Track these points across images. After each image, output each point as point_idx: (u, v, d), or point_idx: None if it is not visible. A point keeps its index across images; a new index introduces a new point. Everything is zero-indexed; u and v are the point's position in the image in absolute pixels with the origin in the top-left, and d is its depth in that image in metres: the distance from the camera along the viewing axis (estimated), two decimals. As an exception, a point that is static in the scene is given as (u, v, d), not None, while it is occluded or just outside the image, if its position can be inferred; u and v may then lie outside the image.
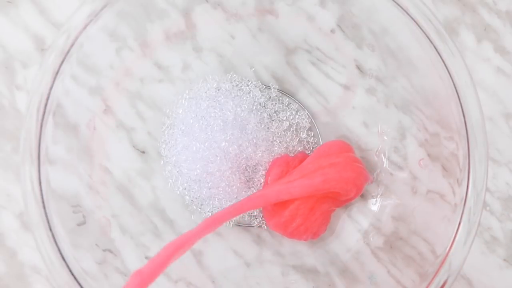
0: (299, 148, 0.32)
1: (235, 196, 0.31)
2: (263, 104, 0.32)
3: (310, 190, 0.29)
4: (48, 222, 0.26)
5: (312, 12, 0.31)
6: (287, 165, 0.31)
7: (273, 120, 0.32)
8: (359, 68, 0.32)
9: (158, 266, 0.25)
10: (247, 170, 0.31)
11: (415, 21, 0.27)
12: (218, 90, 0.31)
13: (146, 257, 0.30)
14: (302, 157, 0.31)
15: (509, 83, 0.33)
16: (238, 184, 0.31)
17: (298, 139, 0.32)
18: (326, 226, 0.31)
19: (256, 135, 0.31)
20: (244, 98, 0.31)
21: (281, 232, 0.30)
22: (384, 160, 0.32)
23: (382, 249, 0.31)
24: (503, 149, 0.33)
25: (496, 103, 0.33)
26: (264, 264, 0.31)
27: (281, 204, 0.30)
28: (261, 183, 0.31)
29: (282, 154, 0.31)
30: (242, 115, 0.31)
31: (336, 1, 0.30)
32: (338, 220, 0.32)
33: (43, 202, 0.26)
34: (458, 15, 0.34)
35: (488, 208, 0.33)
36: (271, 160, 0.31)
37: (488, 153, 0.26)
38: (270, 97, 0.32)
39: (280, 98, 0.33)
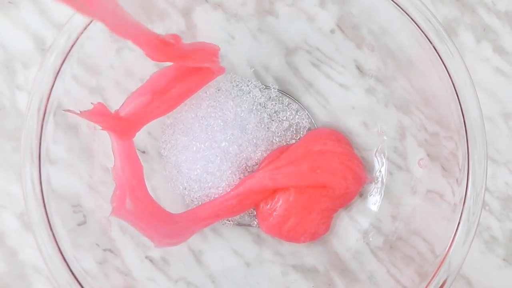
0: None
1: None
2: (263, 104, 0.32)
3: (297, 178, 0.29)
4: (48, 221, 0.26)
5: (312, 13, 0.31)
6: (281, 155, 0.31)
7: (273, 120, 0.32)
8: (359, 68, 0.32)
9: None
10: (247, 170, 0.31)
11: (414, 21, 0.27)
12: (218, 90, 0.31)
13: (147, 257, 0.30)
14: None
15: (508, 83, 0.34)
16: (238, 184, 0.31)
17: (298, 138, 0.32)
18: (327, 226, 0.31)
19: (256, 135, 0.31)
20: (244, 98, 0.31)
21: (276, 235, 0.30)
22: (383, 160, 0.32)
23: (382, 249, 0.31)
24: (502, 149, 0.33)
25: (495, 103, 0.33)
26: (264, 264, 0.31)
27: (272, 201, 0.30)
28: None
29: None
30: (242, 115, 0.31)
31: (336, 2, 0.31)
32: (338, 220, 0.32)
33: (43, 202, 0.26)
34: (457, 16, 0.34)
35: (487, 207, 0.33)
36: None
37: (487, 153, 0.26)
38: (270, 97, 0.32)
39: (280, 98, 0.33)
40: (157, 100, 0.27)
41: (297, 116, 0.32)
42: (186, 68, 0.28)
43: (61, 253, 0.25)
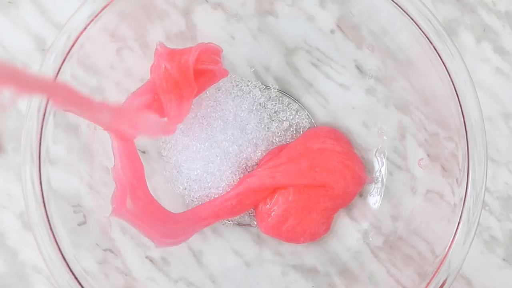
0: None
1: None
2: (263, 104, 0.32)
3: (295, 176, 0.29)
4: (48, 222, 0.26)
5: (312, 13, 0.31)
6: (280, 152, 0.31)
7: (273, 120, 0.32)
8: (359, 68, 0.32)
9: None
10: (247, 170, 0.31)
11: (414, 21, 0.27)
12: (218, 90, 0.31)
13: (147, 257, 0.30)
14: None
15: (508, 84, 0.34)
16: (238, 184, 0.31)
17: (298, 139, 0.32)
18: (327, 227, 0.31)
19: (256, 135, 0.31)
20: (244, 98, 0.31)
21: (275, 235, 0.30)
22: (383, 160, 0.32)
23: (382, 249, 0.31)
24: (502, 149, 0.33)
25: (495, 103, 0.33)
26: (264, 264, 0.31)
27: (271, 201, 0.30)
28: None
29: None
30: (242, 115, 0.31)
31: (336, 2, 0.31)
32: (338, 220, 0.32)
33: (43, 202, 0.26)
34: (457, 16, 0.34)
35: (487, 208, 0.33)
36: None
37: (487, 153, 0.26)
38: (270, 97, 0.32)
39: (280, 98, 0.33)
40: (158, 101, 0.27)
41: (297, 116, 0.32)
42: None
43: (61, 253, 0.25)
